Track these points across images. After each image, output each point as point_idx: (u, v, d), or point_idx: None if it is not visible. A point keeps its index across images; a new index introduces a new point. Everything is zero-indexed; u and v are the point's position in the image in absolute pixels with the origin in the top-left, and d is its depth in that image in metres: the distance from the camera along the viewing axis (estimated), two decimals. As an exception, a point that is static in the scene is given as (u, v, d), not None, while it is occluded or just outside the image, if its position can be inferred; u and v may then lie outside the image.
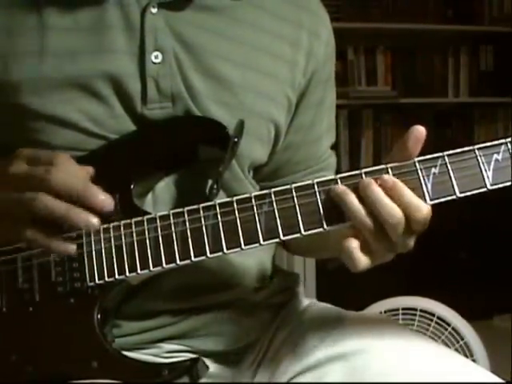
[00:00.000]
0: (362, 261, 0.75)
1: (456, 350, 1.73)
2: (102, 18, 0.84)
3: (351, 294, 2.01)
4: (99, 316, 0.81)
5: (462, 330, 1.77)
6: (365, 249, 0.76)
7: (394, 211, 0.74)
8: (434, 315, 1.78)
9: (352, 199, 0.75)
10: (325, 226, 0.77)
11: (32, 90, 0.83)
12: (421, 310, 1.79)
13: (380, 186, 0.75)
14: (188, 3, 0.87)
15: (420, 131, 0.75)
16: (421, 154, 0.77)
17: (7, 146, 0.86)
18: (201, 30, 0.87)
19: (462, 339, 1.76)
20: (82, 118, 0.84)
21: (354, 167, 1.03)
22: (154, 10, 0.85)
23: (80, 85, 0.83)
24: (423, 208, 0.75)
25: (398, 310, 1.79)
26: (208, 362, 0.88)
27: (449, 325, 1.77)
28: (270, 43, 0.91)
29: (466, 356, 1.73)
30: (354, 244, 0.75)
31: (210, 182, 0.85)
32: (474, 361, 1.70)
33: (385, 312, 1.76)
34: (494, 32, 3.28)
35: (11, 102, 0.84)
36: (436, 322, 1.78)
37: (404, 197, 0.75)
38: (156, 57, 0.85)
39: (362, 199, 0.75)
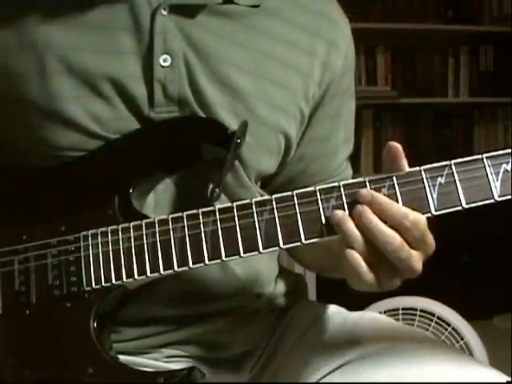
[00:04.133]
0: (366, 273, 0.73)
1: (456, 350, 1.73)
2: (111, 18, 0.82)
3: (351, 294, 2.00)
4: (95, 321, 0.79)
5: (462, 330, 1.77)
6: (368, 265, 0.73)
7: (392, 238, 0.72)
8: (434, 315, 1.78)
9: (351, 228, 0.73)
10: (326, 235, 0.74)
11: (36, 85, 0.82)
12: (421, 310, 1.79)
13: (368, 205, 0.73)
14: (201, 9, 0.84)
15: (393, 148, 0.73)
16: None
17: (11, 142, 0.86)
18: (213, 35, 0.85)
19: (462, 339, 1.76)
20: (86, 119, 0.82)
21: (354, 167, 1.03)
22: (165, 13, 0.82)
23: (85, 83, 0.82)
24: (411, 216, 0.72)
25: (398, 309, 1.79)
26: (207, 368, 0.88)
27: (449, 325, 1.77)
28: (285, 53, 0.88)
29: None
30: (356, 254, 0.72)
31: (211, 184, 0.83)
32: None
33: (385, 312, 1.76)
34: (494, 32, 3.28)
35: (16, 96, 0.83)
36: (436, 322, 1.77)
37: (389, 211, 0.72)
38: (165, 60, 0.82)
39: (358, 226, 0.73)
